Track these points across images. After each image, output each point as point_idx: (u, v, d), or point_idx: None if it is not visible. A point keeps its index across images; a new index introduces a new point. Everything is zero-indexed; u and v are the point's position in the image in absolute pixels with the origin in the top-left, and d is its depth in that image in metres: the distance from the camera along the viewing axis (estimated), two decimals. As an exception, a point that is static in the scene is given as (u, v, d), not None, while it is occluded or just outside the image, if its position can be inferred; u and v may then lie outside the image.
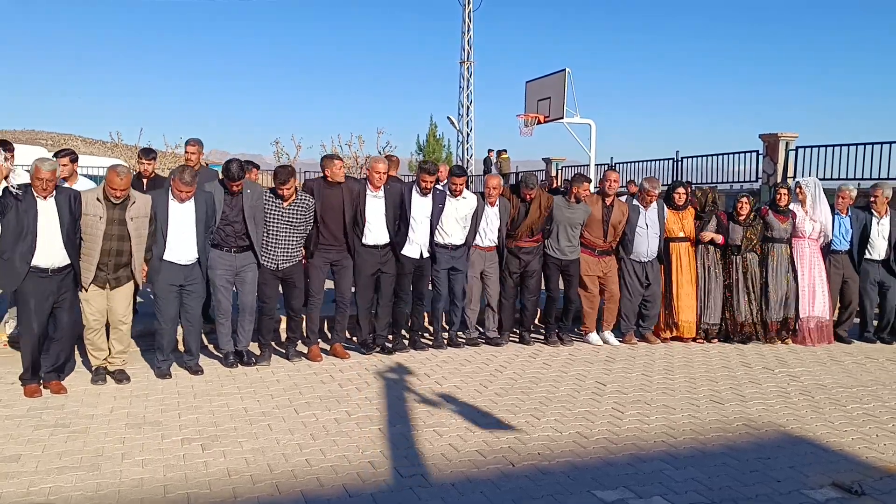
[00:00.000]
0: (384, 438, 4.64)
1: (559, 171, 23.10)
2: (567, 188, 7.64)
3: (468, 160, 32.43)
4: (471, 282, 7.29)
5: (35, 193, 5.17)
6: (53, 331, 5.52)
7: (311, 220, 6.44)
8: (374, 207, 6.67)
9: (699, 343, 7.76)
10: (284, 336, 6.89)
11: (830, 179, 13.95)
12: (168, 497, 3.75)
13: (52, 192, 5.23)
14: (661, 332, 7.85)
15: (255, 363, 6.37)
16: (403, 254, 6.86)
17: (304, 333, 6.80)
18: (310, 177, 28.31)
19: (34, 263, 5.20)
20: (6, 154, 5.30)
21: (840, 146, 14.35)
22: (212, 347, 6.79)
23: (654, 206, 7.62)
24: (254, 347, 6.61)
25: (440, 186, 7.15)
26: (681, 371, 6.55)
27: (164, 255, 5.79)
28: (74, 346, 5.95)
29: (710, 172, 18.08)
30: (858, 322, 8.19)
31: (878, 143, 13.65)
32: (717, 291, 7.76)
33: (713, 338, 7.80)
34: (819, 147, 14.79)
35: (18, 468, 4.05)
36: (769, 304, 7.75)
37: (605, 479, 4.06)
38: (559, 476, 4.10)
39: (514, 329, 7.74)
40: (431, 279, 7.15)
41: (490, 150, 26.42)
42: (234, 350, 6.39)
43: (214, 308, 6.32)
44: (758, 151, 16.11)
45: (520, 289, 7.59)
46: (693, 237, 7.77)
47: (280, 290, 6.54)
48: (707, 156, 18.24)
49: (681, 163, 19.01)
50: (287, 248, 6.32)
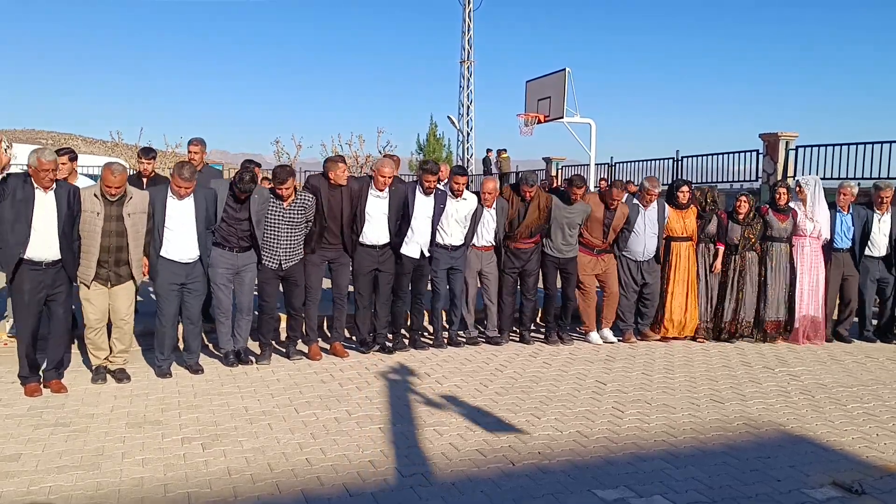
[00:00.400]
0: (385, 437, 4.64)
1: (559, 171, 23.10)
2: (565, 188, 7.64)
3: (468, 159, 32.44)
4: (469, 281, 7.30)
5: (35, 185, 5.17)
6: (48, 325, 5.51)
7: (312, 219, 6.44)
8: (377, 207, 6.67)
9: (699, 342, 7.78)
10: (284, 335, 6.90)
11: (831, 179, 13.94)
12: (168, 496, 3.75)
13: (53, 186, 5.23)
14: (659, 330, 7.86)
15: (255, 362, 6.38)
16: (403, 253, 6.86)
17: (304, 332, 6.80)
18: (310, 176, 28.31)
19: (28, 256, 5.19)
20: (6, 144, 5.30)
21: (840, 146, 14.35)
22: (212, 347, 6.79)
23: (654, 206, 7.62)
24: (254, 346, 6.61)
25: (441, 186, 7.15)
26: (681, 370, 6.55)
27: (166, 253, 5.79)
28: (71, 342, 5.95)
29: (711, 172, 18.08)
30: (857, 320, 8.20)
31: (879, 143, 13.65)
32: (714, 290, 7.78)
33: (707, 336, 7.82)
34: (819, 146, 14.79)
35: (19, 467, 4.05)
36: (767, 303, 7.76)
37: (606, 478, 4.06)
38: (560, 475, 4.10)
39: (514, 328, 7.74)
40: (431, 279, 7.16)
41: (489, 150, 26.41)
42: (234, 349, 6.39)
43: (214, 307, 6.32)
44: (758, 151, 16.11)
45: (519, 288, 7.59)
46: (695, 237, 7.78)
47: (280, 290, 6.55)
48: (707, 155, 18.24)
49: (681, 162, 19.00)
50: (288, 247, 6.32)
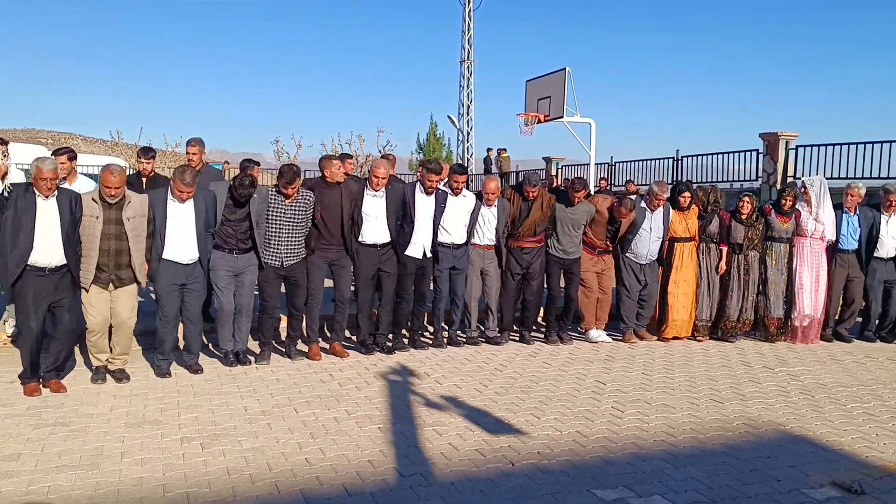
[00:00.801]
0: (384, 437, 4.64)
1: (559, 171, 23.11)
2: (567, 189, 7.62)
3: (468, 159, 32.43)
4: (471, 280, 7.29)
5: (36, 192, 5.17)
6: (53, 330, 5.52)
7: (311, 215, 6.43)
8: (374, 206, 6.66)
9: (699, 341, 7.78)
10: (285, 335, 6.90)
11: (831, 179, 13.94)
12: (167, 496, 3.74)
13: (55, 192, 5.23)
14: (660, 331, 7.85)
15: (255, 362, 6.37)
16: (406, 254, 6.85)
17: (305, 332, 6.80)
18: (310, 176, 28.39)
19: (32, 262, 5.19)
20: (3, 149, 5.30)
21: (840, 145, 14.34)
22: (211, 347, 6.78)
23: (661, 210, 7.59)
24: (253, 346, 6.61)
25: (441, 186, 7.14)
26: (681, 370, 6.55)
27: (165, 255, 5.79)
28: (74, 345, 5.95)
29: (711, 171, 18.08)
30: (861, 320, 8.19)
31: (879, 143, 13.65)
32: (715, 289, 7.77)
33: (707, 335, 7.82)
34: (819, 146, 14.79)
35: (18, 467, 4.05)
36: (768, 302, 7.77)
37: (605, 478, 4.05)
38: (559, 475, 4.10)
39: (515, 328, 7.74)
40: (433, 278, 7.14)
41: (489, 149, 26.40)
42: (233, 349, 6.38)
43: (216, 309, 6.30)
44: (758, 150, 16.11)
45: (522, 288, 7.59)
46: (697, 237, 7.77)
47: (282, 289, 6.54)
48: (707, 155, 18.25)
49: (681, 162, 19.01)
50: (290, 245, 6.31)
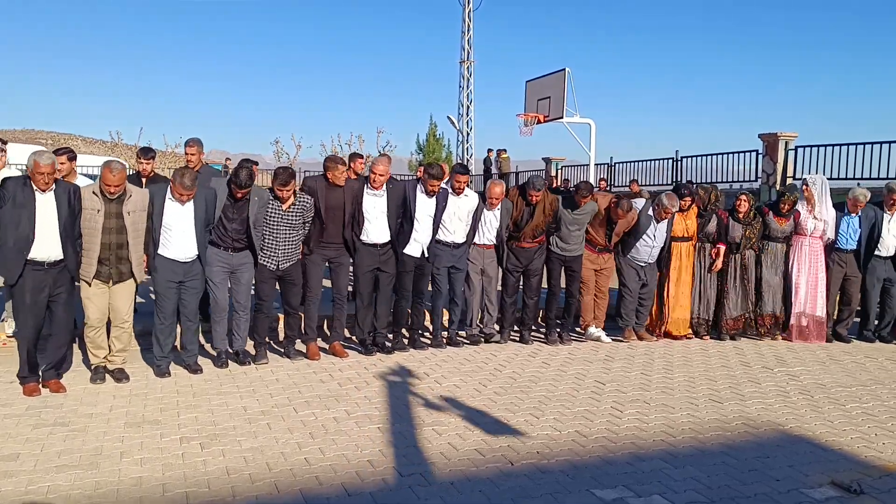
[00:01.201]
0: (383, 437, 4.64)
1: (559, 171, 23.13)
2: (572, 192, 7.61)
3: (468, 160, 32.45)
4: (473, 278, 7.28)
5: (34, 186, 5.17)
6: (49, 326, 5.51)
7: (310, 220, 6.44)
8: (374, 205, 6.66)
9: (702, 339, 7.81)
10: (283, 334, 6.90)
11: (831, 179, 13.95)
12: (167, 495, 3.74)
13: (52, 186, 5.23)
14: (655, 330, 7.88)
15: (253, 362, 6.37)
16: (405, 252, 6.85)
17: (303, 331, 6.80)
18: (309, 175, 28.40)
19: (30, 256, 5.19)
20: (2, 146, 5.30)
21: (839, 146, 14.36)
22: (209, 347, 6.78)
23: (667, 220, 7.56)
24: (249, 347, 6.60)
25: (442, 185, 7.13)
26: (680, 370, 6.55)
27: (164, 252, 5.79)
28: (72, 343, 5.95)
29: (710, 172, 18.10)
30: (859, 320, 8.20)
31: (878, 143, 13.67)
32: (712, 288, 7.79)
33: (704, 334, 7.84)
34: (818, 146, 14.80)
35: (17, 467, 4.05)
36: (762, 300, 7.79)
37: (605, 478, 4.06)
38: (558, 475, 4.10)
39: (515, 327, 7.74)
40: (432, 277, 7.14)
41: (490, 150, 26.40)
42: (230, 350, 6.41)
43: (211, 306, 6.30)
44: (757, 151, 16.13)
45: (522, 287, 7.59)
46: (695, 237, 7.78)
47: (277, 289, 6.54)
48: (707, 155, 18.26)
49: (681, 162, 19.03)
50: (287, 249, 6.32)
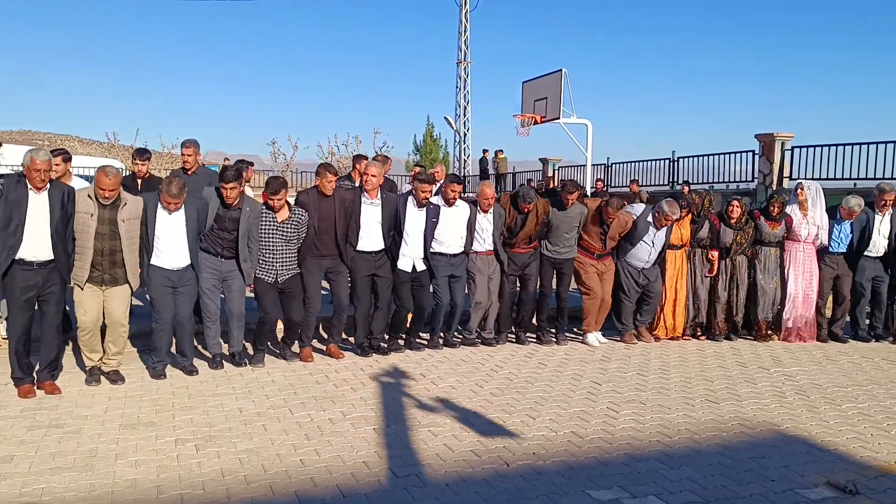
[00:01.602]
0: (379, 438, 4.63)
1: (556, 172, 23.15)
2: (559, 192, 7.60)
3: (465, 160, 32.47)
4: (481, 285, 7.23)
5: (29, 185, 5.15)
6: (41, 326, 5.50)
7: (304, 234, 6.43)
8: (370, 215, 6.64)
9: (699, 339, 7.81)
10: (280, 337, 6.89)
11: (826, 179, 13.98)
12: (161, 497, 3.74)
13: (47, 186, 5.21)
14: (653, 332, 7.86)
15: (250, 364, 6.36)
16: (397, 267, 6.83)
17: (300, 336, 6.79)
18: (306, 177, 28.39)
19: (20, 256, 5.17)
20: None
21: (835, 146, 14.40)
22: (201, 348, 6.75)
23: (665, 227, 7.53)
24: (248, 348, 6.59)
25: (434, 200, 7.05)
26: (676, 370, 6.55)
27: (156, 261, 5.78)
28: (64, 343, 5.93)
29: (707, 172, 18.13)
30: (849, 319, 8.21)
31: (874, 143, 13.71)
32: (703, 291, 7.78)
33: (701, 334, 7.85)
34: (815, 147, 14.84)
35: (11, 469, 4.04)
36: (757, 305, 7.79)
37: (600, 479, 4.05)
38: (554, 476, 4.10)
39: (511, 329, 7.72)
40: (433, 287, 7.10)
41: (485, 150, 26.41)
42: (228, 352, 6.39)
43: (202, 311, 6.28)
44: (754, 151, 16.16)
45: (518, 290, 7.57)
46: (688, 245, 7.77)
47: (279, 298, 6.52)
48: (703, 156, 18.29)
49: (677, 163, 19.06)
50: (284, 261, 6.32)
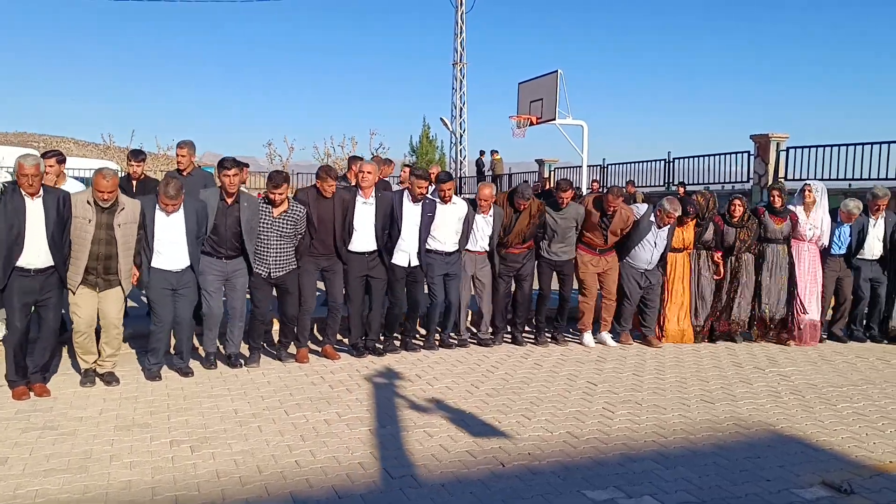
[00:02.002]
0: (374, 439, 4.63)
1: (552, 173, 23.15)
2: (553, 191, 7.59)
3: (461, 161, 32.47)
4: (463, 285, 7.27)
5: (23, 192, 5.14)
6: (38, 330, 5.48)
7: (302, 231, 6.43)
8: (364, 214, 6.65)
9: (699, 342, 7.79)
10: (276, 338, 6.88)
11: (821, 180, 14.00)
12: (156, 499, 3.73)
13: (40, 192, 5.19)
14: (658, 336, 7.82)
15: (244, 365, 6.35)
16: (393, 262, 6.84)
17: (296, 336, 6.78)
18: (302, 178, 28.37)
19: (18, 264, 5.16)
20: None
21: (831, 146, 14.41)
22: (201, 350, 6.74)
23: (668, 226, 7.51)
24: (243, 349, 6.58)
25: (429, 196, 7.07)
26: (671, 371, 6.56)
27: (156, 264, 5.76)
28: (60, 347, 5.91)
29: (702, 173, 18.14)
30: (847, 319, 8.23)
31: (869, 144, 13.72)
32: (708, 293, 7.77)
33: (703, 339, 7.81)
34: (810, 148, 14.84)
35: (5, 471, 4.02)
36: (762, 303, 7.78)
37: (596, 479, 4.05)
38: (549, 476, 4.10)
39: (507, 329, 7.72)
40: (428, 286, 7.11)
41: (482, 152, 26.40)
42: (225, 353, 6.38)
43: (205, 314, 6.27)
44: (749, 152, 16.17)
45: (513, 291, 7.57)
46: (690, 247, 7.76)
47: (273, 294, 6.52)
48: (699, 156, 18.29)
49: (673, 164, 19.06)
50: (279, 257, 6.31)
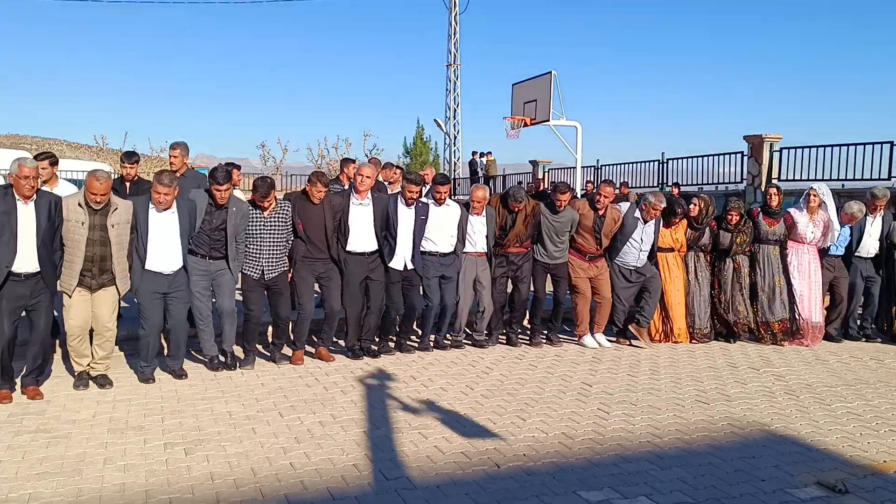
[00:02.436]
0: (369, 441, 4.62)
1: (546, 174, 23.18)
2: (551, 194, 7.59)
3: (455, 162, 32.47)
4: (466, 288, 7.24)
5: (15, 196, 5.11)
6: (29, 334, 5.45)
7: (293, 231, 6.42)
8: (361, 215, 6.64)
9: (697, 342, 7.78)
10: (270, 340, 6.86)
11: (815, 180, 14.05)
12: (150, 502, 3.71)
13: (34, 196, 5.17)
14: (654, 337, 7.80)
15: (239, 367, 6.34)
16: (389, 266, 6.83)
17: (291, 338, 6.77)
18: (296, 180, 28.32)
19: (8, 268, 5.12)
20: None
21: (824, 147, 14.48)
22: (194, 352, 6.72)
23: (653, 221, 7.51)
24: (238, 352, 6.57)
25: (423, 199, 7.06)
26: (666, 371, 6.56)
27: (148, 264, 5.73)
28: (52, 350, 5.88)
29: (696, 174, 18.19)
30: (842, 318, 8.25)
31: (862, 144, 13.79)
32: (705, 295, 7.77)
33: (703, 340, 7.80)
34: (803, 148, 14.91)
35: (-2, 474, 4.01)
36: (758, 305, 7.79)
37: (591, 480, 4.05)
38: (544, 477, 4.09)
39: (502, 331, 7.72)
40: (423, 287, 7.10)
41: (475, 153, 26.41)
42: (219, 352, 6.36)
43: (194, 314, 6.24)
44: (742, 153, 16.23)
45: (510, 292, 7.57)
46: (683, 249, 7.77)
47: (265, 297, 6.50)
48: (692, 157, 18.35)
49: (667, 164, 19.12)
50: (271, 257, 6.30)
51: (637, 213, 7.46)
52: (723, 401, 5.66)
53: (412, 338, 7.43)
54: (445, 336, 7.41)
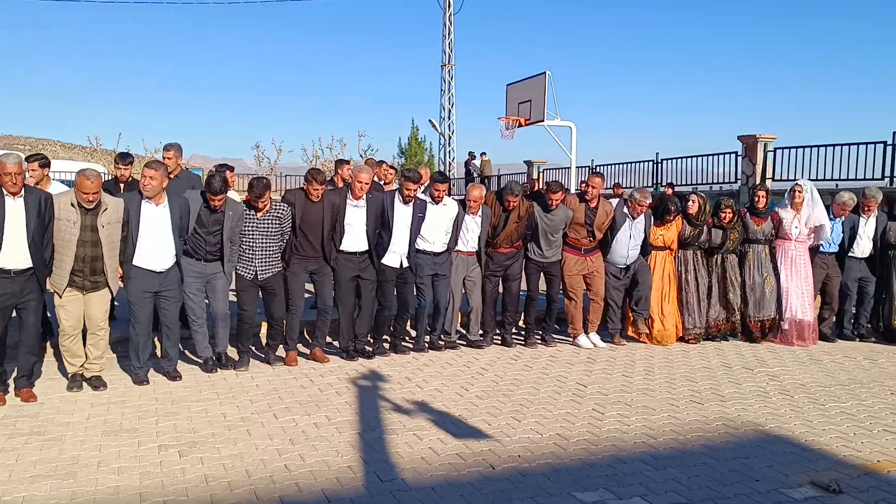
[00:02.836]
0: (364, 443, 4.61)
1: (541, 174, 23.18)
2: (544, 193, 7.60)
3: (450, 163, 32.46)
4: (455, 286, 7.27)
5: (4, 192, 5.08)
6: (19, 333, 5.43)
7: (288, 230, 6.41)
8: (355, 216, 6.64)
9: (690, 342, 7.78)
10: (264, 341, 6.85)
11: (811, 181, 14.07)
12: (144, 504, 3.70)
13: (22, 192, 5.15)
14: (640, 338, 7.81)
15: (234, 368, 6.32)
16: (384, 262, 6.83)
17: (285, 339, 6.76)
18: (291, 180, 28.29)
19: None
20: None
21: (818, 147, 14.49)
22: (188, 353, 6.71)
23: (642, 218, 7.54)
24: (232, 353, 6.56)
25: (420, 195, 7.09)
26: (661, 372, 6.57)
27: (139, 262, 5.71)
28: (44, 351, 5.86)
29: (690, 174, 18.20)
30: (835, 319, 8.27)
31: (856, 144, 13.81)
32: (698, 296, 7.77)
33: (696, 339, 7.80)
34: (797, 148, 14.93)
35: (-9, 477, 3.99)
36: (748, 304, 7.80)
37: (585, 481, 4.06)
38: (539, 478, 4.09)
39: (497, 331, 7.72)
40: (416, 286, 7.11)
41: (471, 153, 26.41)
42: (214, 353, 6.35)
43: (188, 315, 6.23)
44: (737, 153, 16.24)
45: (502, 292, 7.58)
46: (674, 247, 7.79)
47: (259, 297, 6.50)
48: (687, 157, 18.36)
49: (661, 165, 19.13)
50: (264, 258, 6.29)
51: (625, 209, 7.49)
52: (717, 401, 5.67)
53: (407, 339, 7.43)
54: (440, 336, 7.41)
